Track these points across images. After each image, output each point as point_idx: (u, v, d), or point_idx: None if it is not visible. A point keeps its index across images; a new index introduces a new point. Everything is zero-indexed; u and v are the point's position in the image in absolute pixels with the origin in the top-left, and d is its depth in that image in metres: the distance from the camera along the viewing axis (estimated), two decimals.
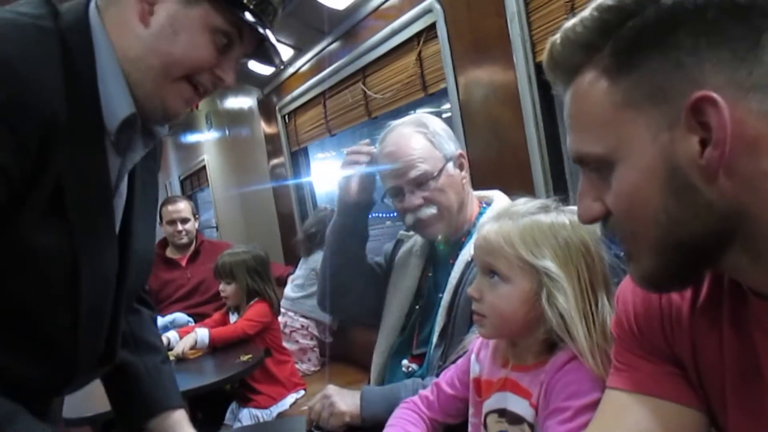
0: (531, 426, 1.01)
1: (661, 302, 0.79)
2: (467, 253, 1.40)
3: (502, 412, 1.05)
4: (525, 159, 1.88)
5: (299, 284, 3.17)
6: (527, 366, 1.04)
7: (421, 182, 1.43)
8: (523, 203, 1.07)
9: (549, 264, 0.98)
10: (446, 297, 1.41)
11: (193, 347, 2.43)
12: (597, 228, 1.01)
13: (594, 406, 0.90)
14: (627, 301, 0.83)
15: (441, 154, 1.45)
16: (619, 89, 0.62)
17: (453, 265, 1.44)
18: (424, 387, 1.28)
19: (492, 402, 1.07)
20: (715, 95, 0.57)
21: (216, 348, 2.47)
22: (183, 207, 3.46)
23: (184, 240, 3.44)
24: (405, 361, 1.51)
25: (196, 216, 3.56)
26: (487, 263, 1.03)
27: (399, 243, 1.66)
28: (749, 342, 0.69)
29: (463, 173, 1.48)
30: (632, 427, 0.78)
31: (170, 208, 3.44)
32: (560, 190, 1.72)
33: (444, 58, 2.17)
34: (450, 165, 1.45)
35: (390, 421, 1.19)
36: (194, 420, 2.61)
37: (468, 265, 1.39)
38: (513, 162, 1.95)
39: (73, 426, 2.12)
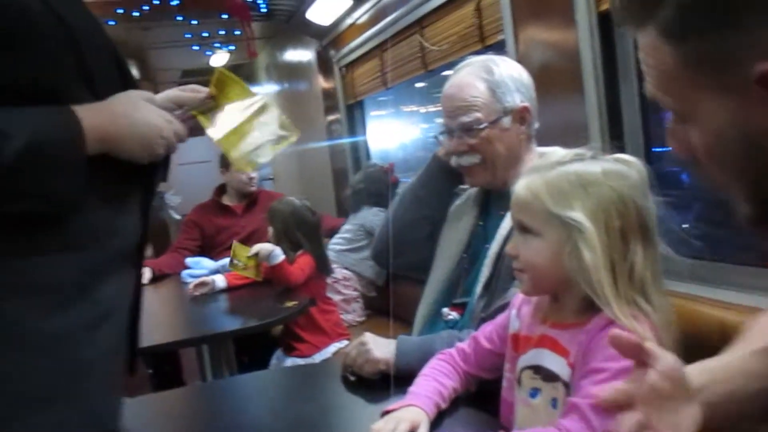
0: (565, 385, 0.98)
1: None
2: None
3: (537, 369, 1.03)
4: (581, 117, 1.80)
5: (346, 238, 3.18)
6: (567, 324, 1.01)
7: (469, 129, 1.41)
8: (554, 154, 1.04)
9: (577, 215, 0.95)
10: (494, 248, 1.40)
11: (264, 258, 2.45)
12: (636, 173, 0.98)
13: (631, 371, 0.88)
14: None
15: (500, 105, 1.41)
16: (681, 52, 0.58)
17: (504, 216, 1.41)
18: (460, 340, 1.27)
19: (528, 358, 1.06)
20: None
21: (261, 292, 2.51)
22: None
23: (254, 188, 3.43)
24: (445, 309, 1.50)
25: None
26: (519, 220, 1.02)
27: (454, 196, 1.64)
28: None
29: (523, 128, 1.44)
30: None
31: None
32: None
33: (503, 7, 2.09)
34: (507, 118, 1.42)
35: (423, 371, 1.18)
36: (240, 363, 2.71)
37: None
38: (570, 120, 1.87)
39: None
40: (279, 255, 2.43)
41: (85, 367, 0.83)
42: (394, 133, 4.88)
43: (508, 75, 1.43)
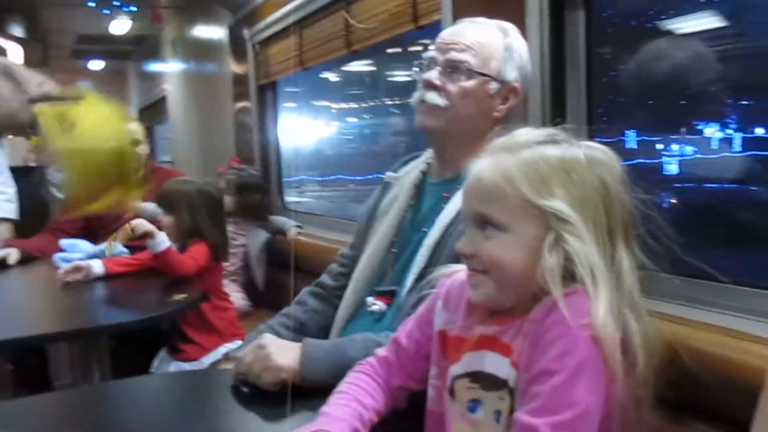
0: (512, 392, 0.79)
1: None
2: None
3: (476, 376, 0.84)
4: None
5: None
6: (512, 318, 0.83)
7: (454, 68, 1.24)
8: (525, 133, 0.86)
9: (560, 205, 0.78)
10: (433, 235, 1.21)
11: (146, 236, 2.13)
12: (617, 164, 0.84)
13: (592, 364, 0.74)
14: None
15: (497, 68, 1.25)
16: None
17: (447, 200, 1.23)
18: (379, 344, 1.06)
19: (463, 365, 0.86)
20: None
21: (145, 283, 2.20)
22: (135, 128, 3.11)
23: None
24: (370, 299, 1.30)
25: (148, 140, 3.23)
26: (480, 213, 0.82)
27: (386, 187, 1.45)
28: None
29: (503, 107, 1.28)
30: None
31: None
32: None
33: None
34: (493, 84, 1.25)
35: (340, 387, 0.96)
36: (119, 361, 2.38)
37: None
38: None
39: None
40: (163, 242, 2.12)
41: None
42: (305, 127, 4.65)
43: (518, 48, 1.30)
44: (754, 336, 1.00)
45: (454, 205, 1.21)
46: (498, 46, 1.27)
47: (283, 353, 1.08)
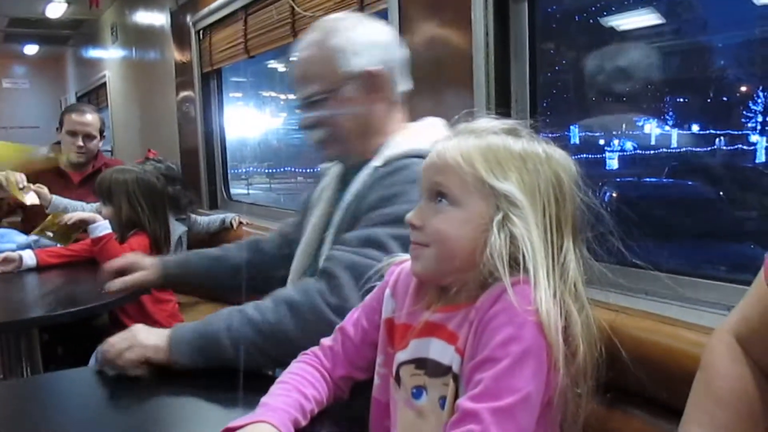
0: (456, 378, 0.80)
1: None
2: (367, 169, 1.24)
3: (421, 363, 0.85)
4: (468, 95, 1.64)
5: None
6: (458, 305, 0.84)
7: (311, 102, 1.25)
8: (488, 120, 0.89)
9: (512, 189, 0.81)
10: (337, 216, 1.26)
11: (82, 225, 2.10)
12: (573, 165, 0.86)
13: (536, 351, 0.74)
14: None
15: (339, 73, 1.23)
16: None
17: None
18: (241, 312, 1.10)
19: (409, 351, 0.87)
20: None
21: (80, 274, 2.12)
22: (91, 120, 2.94)
23: (82, 159, 2.96)
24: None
25: (104, 134, 3.07)
26: (436, 184, 0.84)
27: (322, 177, 1.47)
28: None
29: (376, 94, 1.25)
30: None
31: (75, 117, 2.91)
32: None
33: None
34: (349, 87, 1.23)
35: (282, 377, 0.94)
36: (53, 355, 2.29)
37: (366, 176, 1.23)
38: (457, 95, 1.71)
39: None
40: (103, 226, 2.05)
41: None
42: (252, 117, 4.57)
43: (348, 38, 1.24)
44: (688, 323, 1.03)
45: (356, 184, 1.24)
46: (328, 55, 1.23)
47: (150, 335, 1.12)
